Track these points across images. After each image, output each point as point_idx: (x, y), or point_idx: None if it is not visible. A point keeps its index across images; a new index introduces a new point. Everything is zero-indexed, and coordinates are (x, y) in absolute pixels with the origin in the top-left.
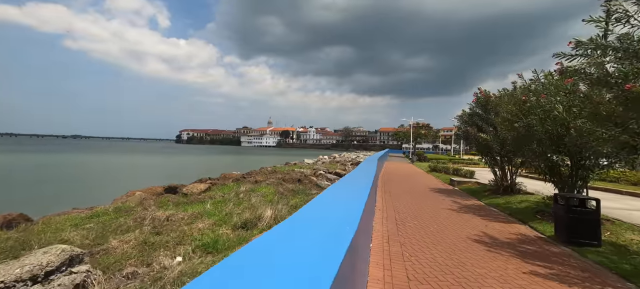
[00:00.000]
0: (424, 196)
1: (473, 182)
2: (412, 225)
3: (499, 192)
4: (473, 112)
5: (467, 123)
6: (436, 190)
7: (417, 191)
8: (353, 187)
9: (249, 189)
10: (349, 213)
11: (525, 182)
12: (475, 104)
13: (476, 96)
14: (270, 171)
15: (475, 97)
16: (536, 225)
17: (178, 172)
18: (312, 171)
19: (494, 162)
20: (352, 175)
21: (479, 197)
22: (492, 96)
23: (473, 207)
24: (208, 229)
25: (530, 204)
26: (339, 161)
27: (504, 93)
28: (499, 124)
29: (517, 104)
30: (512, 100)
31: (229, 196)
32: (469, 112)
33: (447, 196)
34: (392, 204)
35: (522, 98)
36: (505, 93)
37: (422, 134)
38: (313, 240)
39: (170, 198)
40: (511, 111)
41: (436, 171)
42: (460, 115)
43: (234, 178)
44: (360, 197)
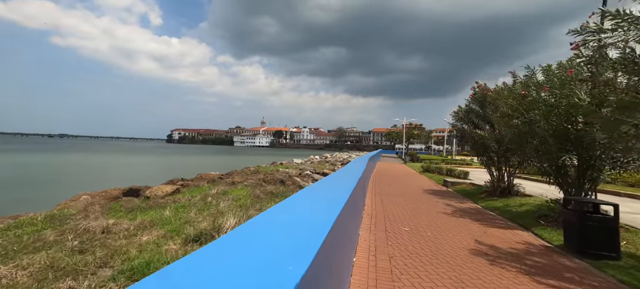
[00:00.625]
0: (417, 198)
1: (467, 183)
2: (403, 233)
3: (495, 194)
4: (469, 108)
5: (463, 120)
6: (429, 191)
7: (409, 193)
8: (333, 188)
9: (221, 192)
10: (318, 222)
11: (523, 184)
12: (472, 99)
13: (473, 90)
14: (253, 171)
15: (472, 91)
16: (541, 232)
17: (155, 172)
18: (298, 171)
19: (491, 162)
20: (334, 176)
21: (474, 200)
22: (490, 91)
23: (469, 211)
24: (153, 243)
25: (531, 208)
26: (328, 161)
27: (503, 87)
28: (497, 121)
29: (517, 98)
30: (512, 94)
31: (195, 200)
32: (465, 108)
33: (441, 198)
34: (382, 208)
35: (521, 93)
36: (505, 87)
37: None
38: (263, 254)
39: (125, 203)
40: (512, 105)
41: (429, 171)
42: (456, 111)
43: (210, 179)
44: (337, 201)
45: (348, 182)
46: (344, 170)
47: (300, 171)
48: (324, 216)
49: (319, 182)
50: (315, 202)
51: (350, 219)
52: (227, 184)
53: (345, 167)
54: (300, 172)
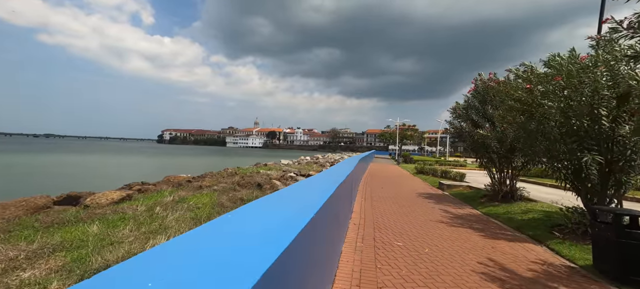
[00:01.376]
0: (411, 203)
1: (464, 186)
2: (396, 249)
3: (496, 199)
4: (469, 104)
5: (462, 118)
6: (424, 195)
7: (403, 197)
8: (306, 194)
9: (180, 199)
10: (271, 240)
11: (526, 187)
12: (473, 94)
13: (475, 83)
14: (231, 173)
15: (473, 84)
16: (558, 247)
17: (126, 174)
18: (280, 173)
19: (491, 163)
20: (314, 179)
21: (474, 205)
22: (497, 82)
23: (470, 219)
24: (34, 283)
25: (538, 215)
26: (317, 162)
27: (510, 78)
28: (501, 117)
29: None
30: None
31: (141, 211)
32: (465, 104)
33: (437, 202)
34: (372, 216)
35: (526, 87)
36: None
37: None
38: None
39: (53, 215)
40: (521, 99)
41: (423, 173)
42: (453, 108)
43: (177, 183)
44: (306, 210)
45: (327, 186)
46: (327, 172)
47: (283, 173)
48: (281, 232)
49: (292, 187)
50: (278, 212)
51: (327, 234)
52: (193, 188)
53: (330, 169)
54: (282, 175)
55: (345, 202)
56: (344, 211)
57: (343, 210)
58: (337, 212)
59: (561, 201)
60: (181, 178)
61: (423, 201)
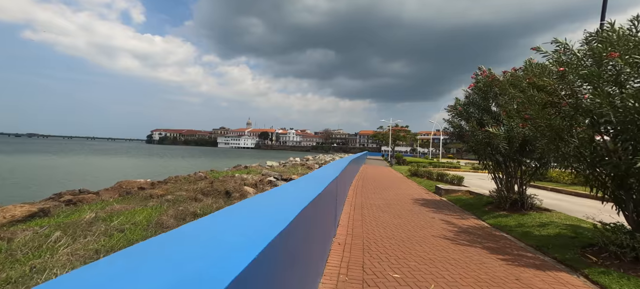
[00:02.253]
0: (407, 212)
1: (463, 191)
2: (391, 283)
3: (503, 207)
4: (470, 100)
5: (462, 115)
6: (421, 202)
7: (397, 204)
8: (267, 207)
9: (108, 215)
10: None
11: (538, 194)
12: (474, 89)
13: (475, 77)
14: (199, 177)
15: (474, 78)
16: (602, 278)
17: (91, 177)
18: (259, 177)
19: (498, 167)
20: (290, 185)
21: (478, 214)
22: (499, 77)
23: (478, 233)
24: None
25: (561, 230)
26: (305, 165)
27: (530, 65)
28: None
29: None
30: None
31: (27, 238)
32: (465, 101)
33: (436, 211)
34: (362, 232)
35: (558, 70)
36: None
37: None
38: None
39: None
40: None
41: (417, 175)
42: (452, 105)
43: (127, 190)
44: (269, 228)
45: (303, 195)
46: (309, 177)
47: (263, 177)
48: (217, 272)
49: (262, 196)
50: (226, 235)
51: (294, 267)
52: (140, 199)
53: (313, 173)
54: (261, 179)
55: (328, 215)
56: (324, 228)
57: (324, 226)
58: (314, 231)
59: (582, 210)
60: (137, 184)
61: (420, 209)
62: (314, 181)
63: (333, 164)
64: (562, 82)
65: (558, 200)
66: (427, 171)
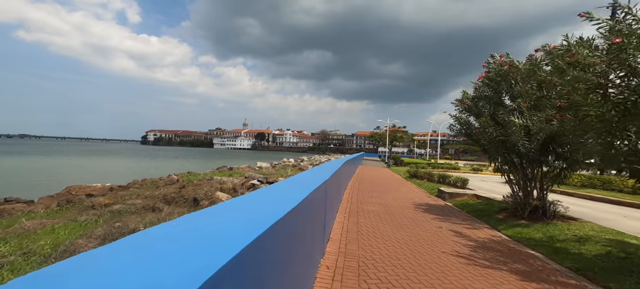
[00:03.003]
0: (410, 220)
1: (469, 195)
2: None
3: (521, 215)
4: (481, 93)
5: (471, 110)
6: (424, 208)
7: (398, 211)
8: (240, 218)
9: (6, 235)
10: None
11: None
12: (484, 80)
13: (487, 66)
14: (170, 181)
15: (485, 67)
16: None
17: (65, 179)
18: (241, 180)
19: (514, 168)
20: (268, 191)
21: (492, 224)
22: (518, 62)
23: (497, 249)
24: None
25: (602, 247)
26: (297, 166)
27: (567, 43)
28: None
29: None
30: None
31: None
32: (475, 94)
33: (443, 218)
34: (357, 248)
35: (613, 42)
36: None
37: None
38: None
39: None
40: (591, 65)
41: (417, 177)
42: (459, 100)
43: (69, 198)
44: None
45: (275, 208)
46: (292, 181)
47: (245, 180)
48: None
49: (230, 202)
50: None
51: None
52: (79, 210)
53: (298, 175)
54: (242, 182)
55: (313, 229)
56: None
57: (307, 245)
58: (291, 254)
59: (609, 218)
60: (88, 190)
61: (424, 216)
62: (297, 185)
63: (325, 165)
64: (617, 59)
65: (575, 205)
66: (427, 172)
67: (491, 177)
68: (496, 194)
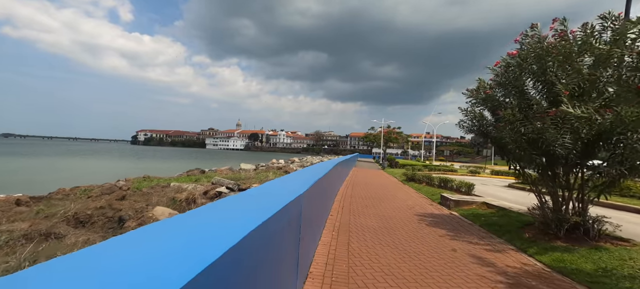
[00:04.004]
0: (415, 239)
1: (478, 203)
2: None
3: (556, 234)
4: (506, 80)
5: (490, 102)
6: (428, 220)
7: (399, 225)
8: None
9: None
10: None
11: (609, 216)
12: (516, 60)
13: (520, 41)
14: (111, 189)
15: (518, 43)
16: None
17: (17, 182)
18: (208, 187)
19: (544, 175)
20: (221, 204)
21: (519, 244)
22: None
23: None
24: None
25: None
26: (282, 168)
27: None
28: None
29: None
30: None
31: None
32: (495, 81)
33: (454, 235)
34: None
35: None
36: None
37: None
38: None
39: None
40: None
41: (415, 181)
42: (474, 89)
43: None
44: None
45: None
46: (263, 189)
47: (212, 186)
48: None
49: (160, 224)
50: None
51: None
52: None
53: (266, 185)
54: (206, 191)
55: (278, 265)
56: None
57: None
58: None
59: None
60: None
61: (431, 233)
62: (269, 194)
63: (309, 169)
64: None
65: (620, 220)
66: (425, 175)
67: (490, 180)
68: (508, 202)
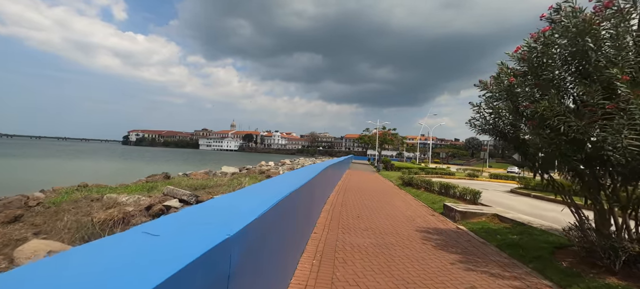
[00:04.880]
0: (418, 269)
1: (488, 216)
2: None
3: (609, 266)
4: (535, 63)
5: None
6: (433, 238)
7: (397, 245)
8: None
9: None
10: None
11: None
12: (550, 37)
13: (553, 10)
14: (8, 204)
15: (552, 12)
16: None
17: None
18: (157, 198)
19: (589, 188)
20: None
21: (558, 280)
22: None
23: None
24: None
25: None
26: (264, 172)
27: None
28: None
29: None
30: None
31: None
32: (522, 68)
33: (469, 263)
34: None
35: None
36: None
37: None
38: None
39: None
40: None
41: (412, 185)
42: (495, 75)
43: None
44: None
45: None
46: (198, 210)
47: (163, 197)
48: None
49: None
50: None
51: None
52: None
53: (220, 199)
54: (150, 205)
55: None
56: None
57: None
58: None
59: None
60: None
61: (438, 258)
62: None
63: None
64: None
65: None
66: (424, 180)
67: (490, 184)
68: (520, 212)
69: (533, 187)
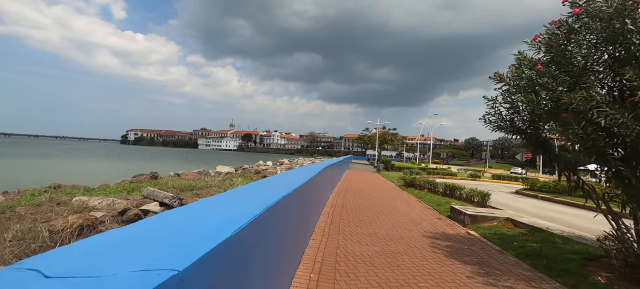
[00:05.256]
0: (428, 279)
1: (501, 220)
2: None
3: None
4: (557, 49)
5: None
6: (444, 246)
7: (406, 256)
8: None
9: None
10: None
11: None
12: (583, 19)
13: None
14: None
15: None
16: None
17: None
18: (134, 202)
19: (630, 189)
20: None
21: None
22: None
23: None
24: None
25: None
26: (260, 172)
27: None
28: None
29: None
30: None
31: None
32: (546, 55)
33: (487, 275)
34: None
35: None
36: None
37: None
38: None
39: None
40: None
41: (415, 186)
42: (516, 65)
43: None
44: None
45: None
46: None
47: (143, 200)
48: None
49: None
50: None
51: None
52: None
53: (206, 201)
54: (123, 210)
55: None
56: None
57: None
58: None
59: None
60: None
61: (451, 268)
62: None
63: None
64: None
65: None
66: (427, 181)
67: (494, 185)
68: (531, 215)
69: (539, 188)
